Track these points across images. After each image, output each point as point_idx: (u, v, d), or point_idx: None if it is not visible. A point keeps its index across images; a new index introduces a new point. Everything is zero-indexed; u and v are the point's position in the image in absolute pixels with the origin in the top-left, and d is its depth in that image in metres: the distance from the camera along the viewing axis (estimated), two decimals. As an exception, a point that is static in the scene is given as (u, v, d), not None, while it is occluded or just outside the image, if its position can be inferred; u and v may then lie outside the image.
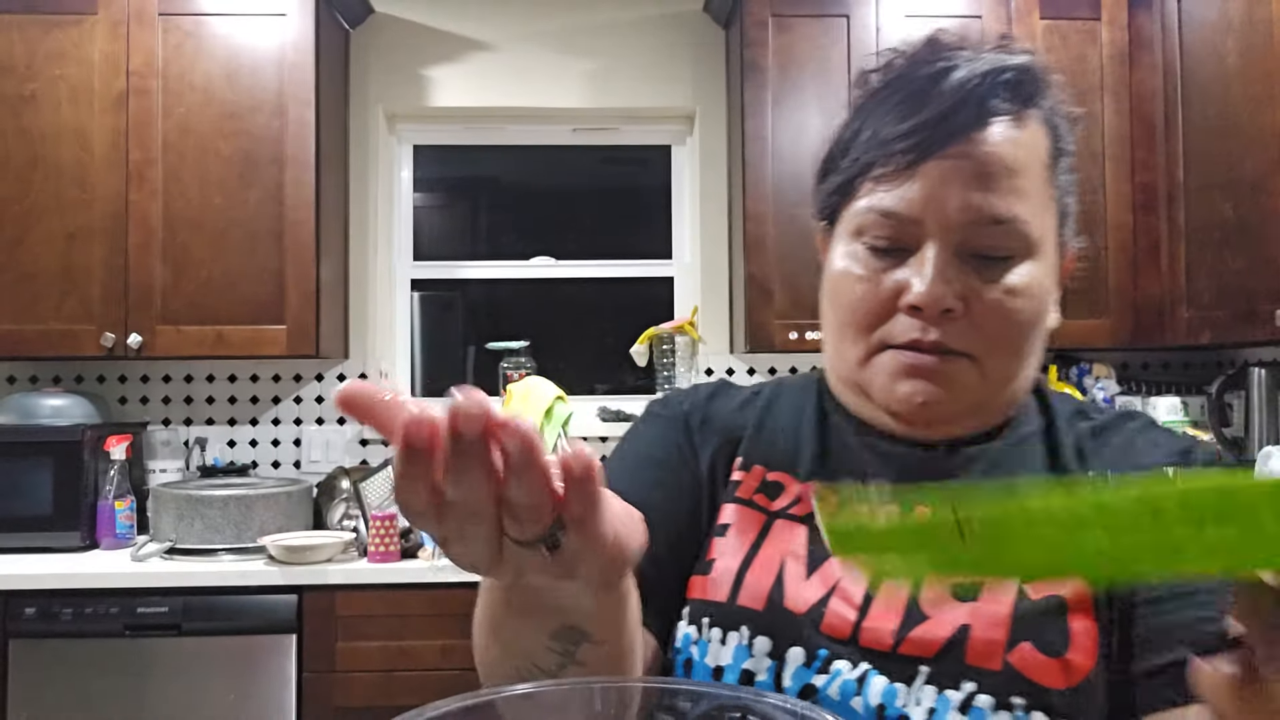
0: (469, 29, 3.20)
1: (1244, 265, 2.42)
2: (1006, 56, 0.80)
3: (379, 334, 3.16)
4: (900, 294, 0.78)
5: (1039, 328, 0.80)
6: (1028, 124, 0.79)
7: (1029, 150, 0.79)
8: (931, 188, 0.77)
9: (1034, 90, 0.81)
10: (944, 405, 0.79)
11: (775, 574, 0.80)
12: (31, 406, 2.72)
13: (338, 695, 2.38)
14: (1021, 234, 0.77)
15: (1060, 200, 0.82)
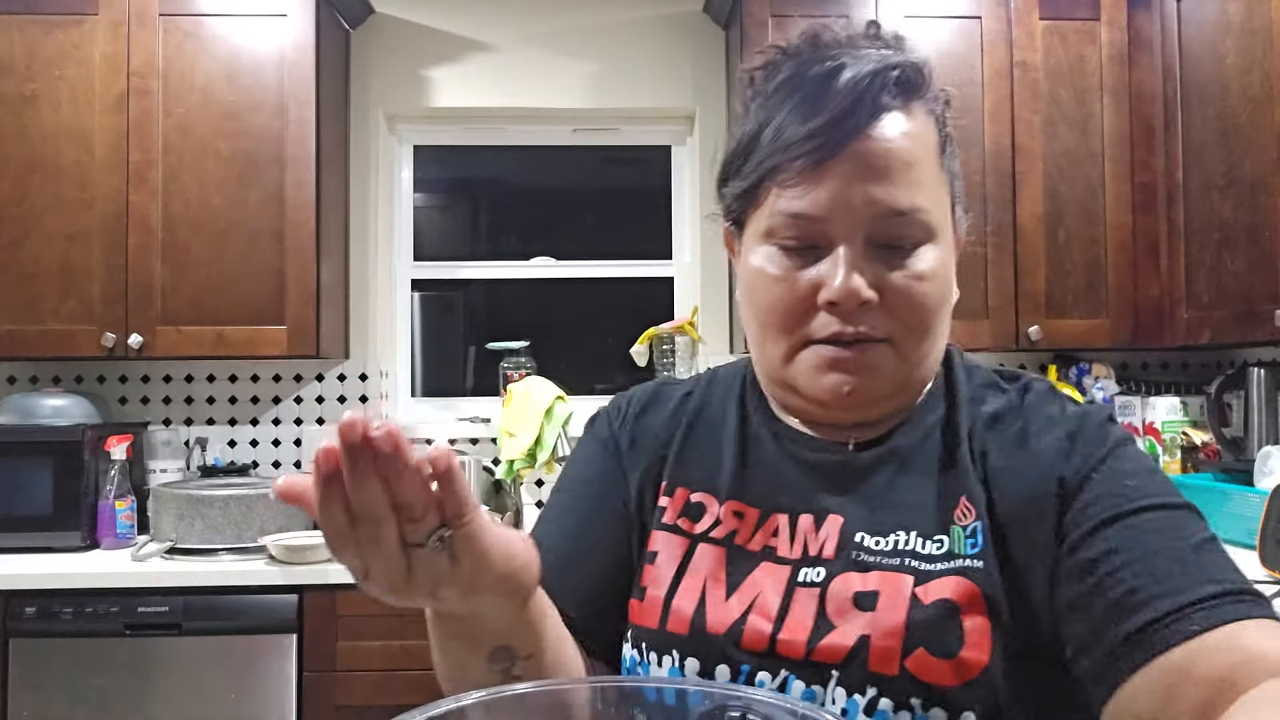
0: (469, 30, 3.20)
1: (1243, 265, 2.42)
2: (889, 53, 0.84)
3: (379, 334, 3.16)
4: (817, 291, 0.81)
5: (946, 307, 0.85)
6: (916, 116, 0.83)
7: (920, 141, 0.82)
8: (836, 187, 0.80)
9: (918, 84, 0.83)
10: (868, 391, 0.83)
11: (698, 599, 0.84)
12: (32, 407, 2.73)
13: (338, 695, 2.39)
14: (923, 222, 0.81)
15: (951, 185, 0.86)
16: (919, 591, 0.78)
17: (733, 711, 0.56)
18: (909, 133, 0.81)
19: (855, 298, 0.80)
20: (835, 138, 0.79)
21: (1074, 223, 2.84)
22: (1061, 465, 0.80)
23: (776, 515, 0.86)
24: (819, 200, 0.80)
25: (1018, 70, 2.83)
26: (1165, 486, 0.79)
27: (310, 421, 3.11)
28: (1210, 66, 2.54)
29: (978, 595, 0.77)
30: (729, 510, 0.87)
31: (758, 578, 0.83)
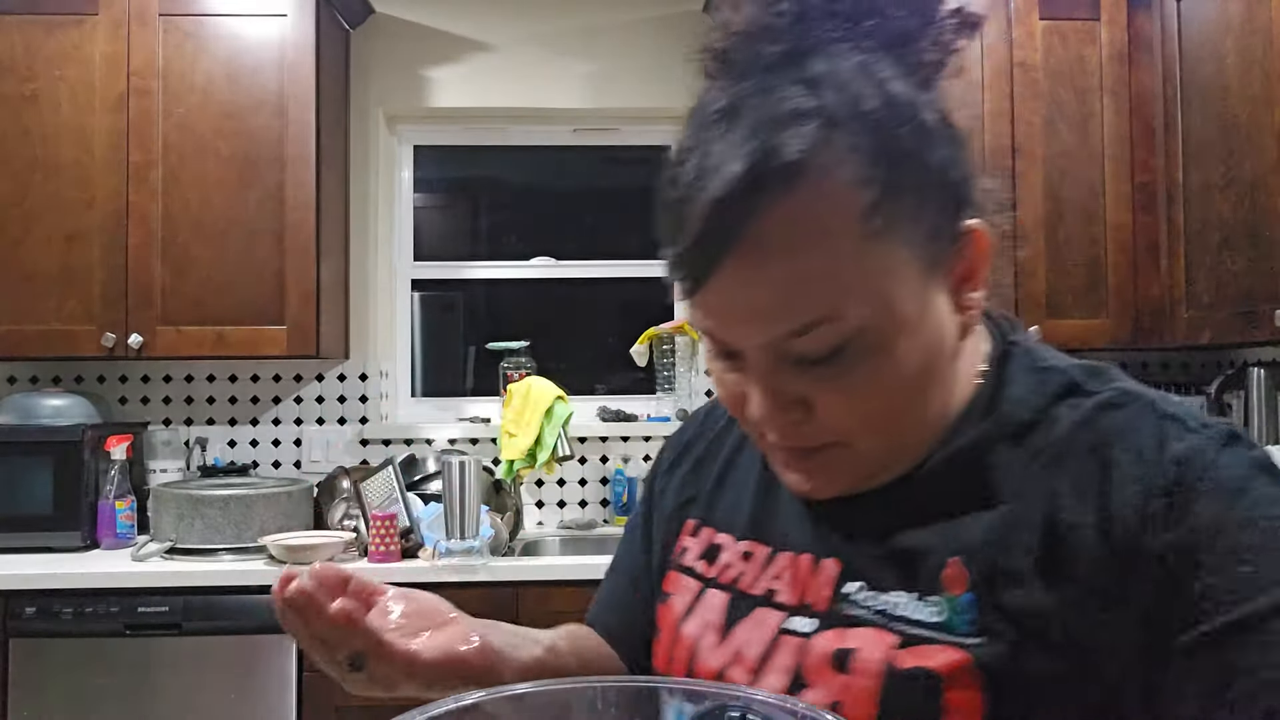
0: (469, 30, 3.20)
1: (1244, 265, 2.42)
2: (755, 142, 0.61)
3: (379, 334, 3.16)
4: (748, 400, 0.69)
5: (924, 382, 0.68)
6: (795, 204, 0.61)
7: (814, 229, 0.62)
8: (719, 311, 0.66)
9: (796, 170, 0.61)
10: (831, 488, 0.72)
11: (693, 645, 0.78)
12: (32, 406, 2.73)
13: (338, 695, 2.38)
14: (836, 333, 0.64)
15: (906, 232, 0.64)
16: (901, 655, 0.66)
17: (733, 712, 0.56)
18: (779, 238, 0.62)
19: (772, 424, 0.68)
20: (701, 264, 0.64)
21: (1074, 223, 2.84)
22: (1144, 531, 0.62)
23: (782, 554, 0.76)
24: (708, 321, 0.67)
25: (1018, 70, 2.83)
26: None
27: (310, 422, 3.11)
28: (1210, 66, 2.54)
29: (972, 671, 0.64)
30: (740, 551, 0.80)
31: (748, 625, 0.75)
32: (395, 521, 2.45)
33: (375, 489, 2.58)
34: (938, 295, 0.67)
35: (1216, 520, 0.61)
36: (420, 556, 2.47)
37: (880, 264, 0.63)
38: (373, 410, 3.13)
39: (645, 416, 3.21)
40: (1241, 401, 2.65)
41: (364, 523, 2.56)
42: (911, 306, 0.65)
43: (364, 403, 3.12)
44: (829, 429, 0.67)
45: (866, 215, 0.62)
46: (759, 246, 0.61)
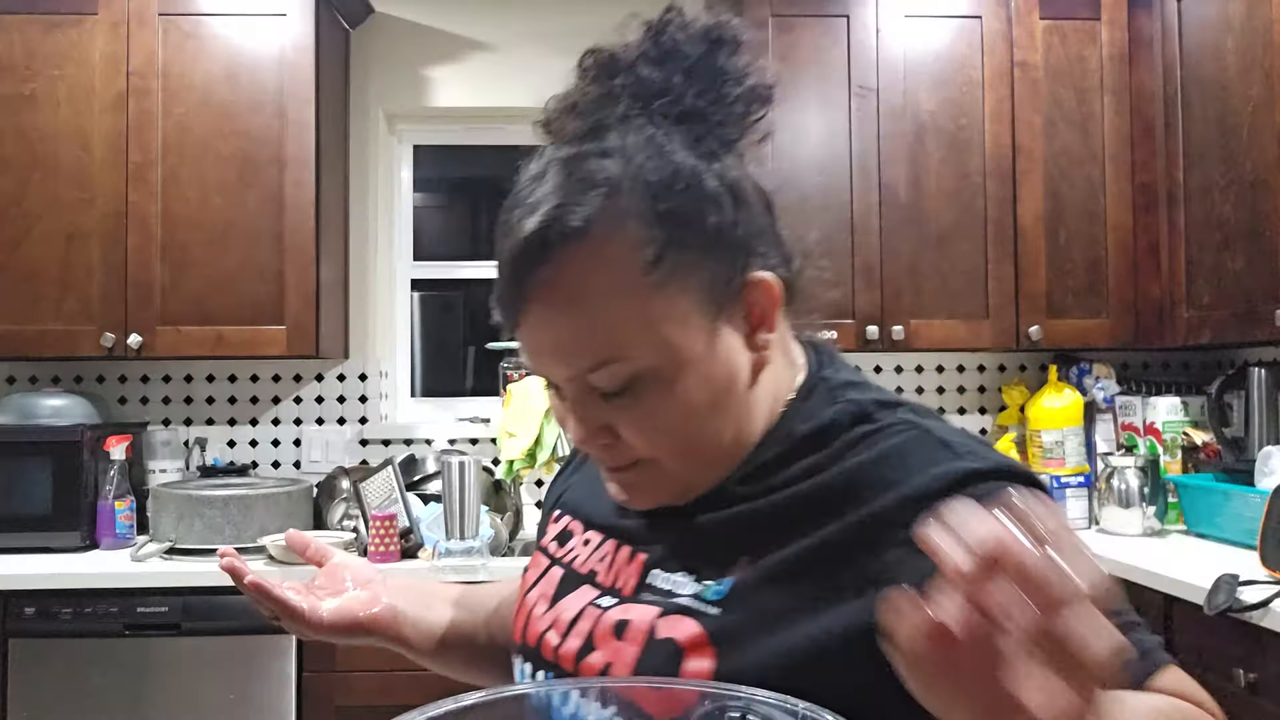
0: (469, 29, 3.20)
1: (1244, 265, 2.42)
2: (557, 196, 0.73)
3: (379, 334, 3.16)
4: None
5: (715, 411, 0.77)
6: (584, 260, 0.72)
7: (600, 282, 0.72)
8: (529, 349, 0.76)
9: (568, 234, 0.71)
10: (646, 501, 0.81)
11: (530, 609, 0.89)
12: (31, 406, 2.72)
13: (338, 695, 2.39)
14: (627, 370, 0.73)
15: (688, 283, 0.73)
16: (659, 624, 0.76)
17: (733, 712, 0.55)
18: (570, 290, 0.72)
19: (585, 446, 0.78)
20: (509, 304, 0.75)
21: (1074, 223, 2.84)
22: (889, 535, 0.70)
23: (609, 543, 0.86)
24: (527, 361, 0.78)
25: (1018, 70, 2.83)
26: None
27: (310, 422, 3.11)
28: (1211, 66, 2.54)
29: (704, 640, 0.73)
30: (584, 538, 0.90)
31: (571, 598, 0.85)
32: (395, 522, 2.45)
33: (375, 489, 2.58)
34: (728, 337, 0.76)
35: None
36: (420, 557, 2.47)
37: (663, 311, 0.73)
38: (372, 410, 3.13)
39: (645, 416, 3.21)
40: (1242, 401, 2.65)
41: (364, 523, 2.56)
42: (696, 348, 0.74)
43: (364, 403, 3.12)
44: (633, 451, 0.76)
45: (647, 270, 0.72)
46: (553, 295, 0.72)
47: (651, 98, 0.76)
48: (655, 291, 0.72)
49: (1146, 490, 2.68)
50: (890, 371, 3.19)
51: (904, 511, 0.68)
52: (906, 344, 2.79)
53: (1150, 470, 2.70)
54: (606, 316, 0.72)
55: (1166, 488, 2.75)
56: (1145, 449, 2.83)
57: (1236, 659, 1.90)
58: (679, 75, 0.76)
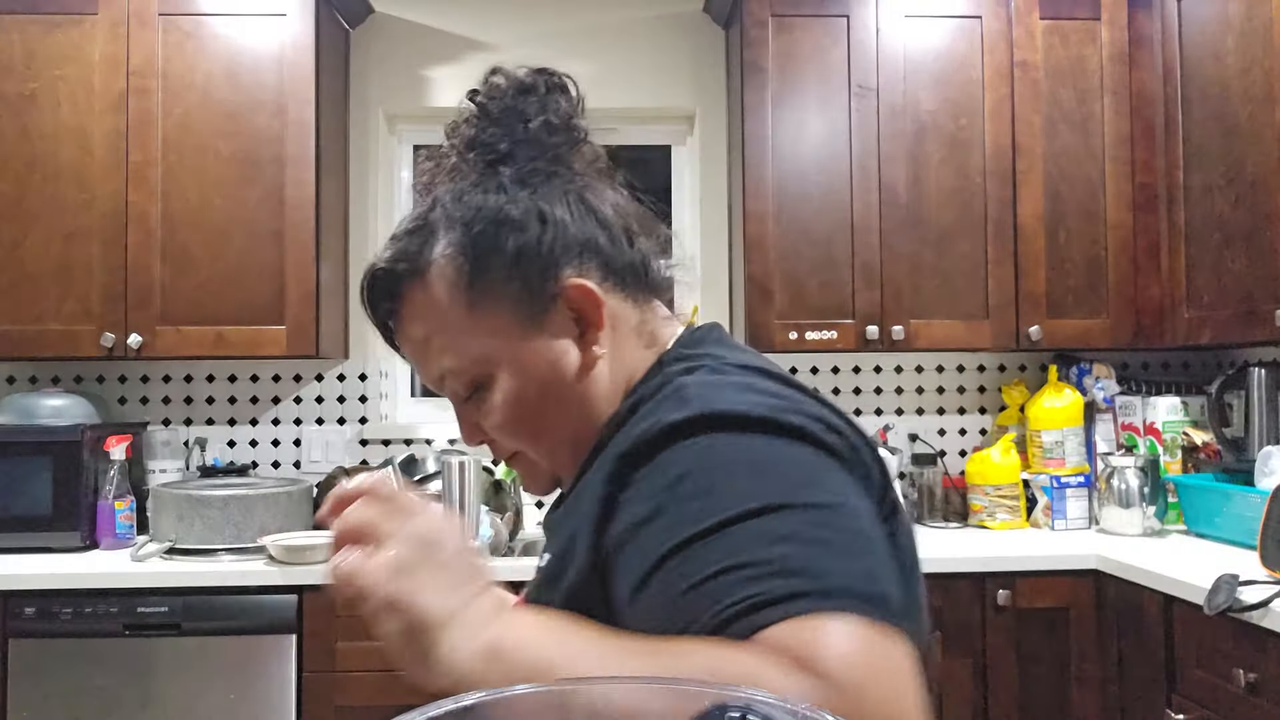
0: (469, 29, 3.20)
1: (1244, 265, 2.42)
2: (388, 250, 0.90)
3: (379, 334, 3.16)
4: None
5: (547, 406, 0.88)
6: (414, 292, 0.88)
7: (430, 309, 0.88)
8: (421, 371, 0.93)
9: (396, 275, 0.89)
10: (536, 487, 0.95)
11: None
12: (31, 406, 2.72)
13: (338, 694, 2.39)
14: (465, 379, 0.88)
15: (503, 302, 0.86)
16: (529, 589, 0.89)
17: (733, 711, 0.55)
18: (411, 317, 0.89)
19: (469, 443, 0.93)
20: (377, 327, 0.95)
21: (1074, 223, 2.84)
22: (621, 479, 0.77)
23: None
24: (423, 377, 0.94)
25: (1018, 70, 2.83)
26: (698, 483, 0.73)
27: (310, 422, 3.11)
28: (1211, 66, 2.54)
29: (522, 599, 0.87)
30: None
31: None
32: (395, 521, 2.45)
33: (375, 489, 2.58)
34: (550, 338, 0.87)
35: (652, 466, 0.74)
36: (420, 556, 2.47)
37: (479, 327, 0.86)
38: (372, 410, 3.13)
39: (645, 416, 3.21)
40: (1242, 401, 2.65)
41: (364, 523, 2.56)
42: (511, 353, 0.87)
43: (364, 403, 3.12)
44: (501, 445, 0.91)
45: (462, 295, 0.86)
46: (400, 325, 0.90)
47: (469, 150, 0.90)
48: (470, 311, 0.86)
49: (1146, 490, 2.68)
50: (890, 371, 3.19)
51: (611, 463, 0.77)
52: (906, 344, 2.79)
53: (1150, 470, 2.70)
54: (440, 338, 0.87)
55: (1166, 488, 2.75)
56: (1145, 449, 2.83)
57: (1236, 659, 1.90)
58: (490, 126, 0.90)
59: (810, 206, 2.78)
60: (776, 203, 2.79)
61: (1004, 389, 3.08)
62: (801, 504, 0.68)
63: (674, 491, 0.71)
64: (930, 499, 2.98)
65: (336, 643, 2.38)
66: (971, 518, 2.91)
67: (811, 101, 2.82)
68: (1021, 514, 2.85)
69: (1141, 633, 2.24)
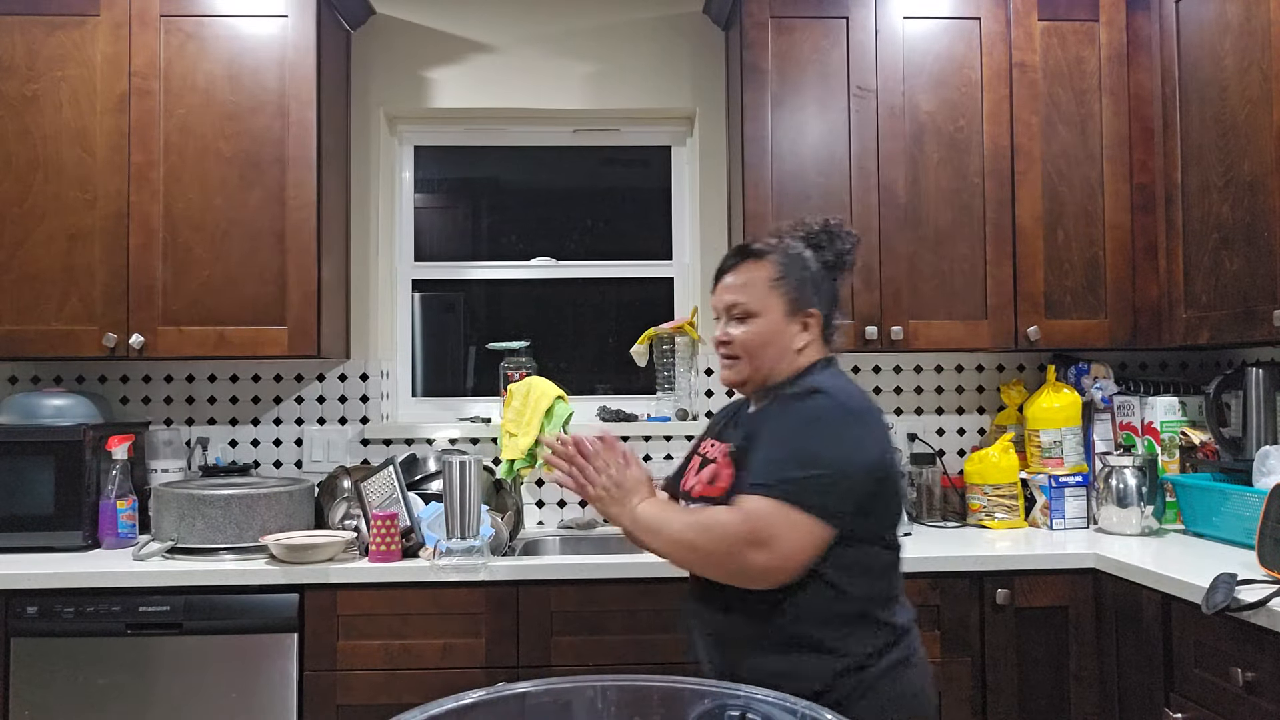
0: (470, 31, 3.20)
1: (1242, 266, 2.42)
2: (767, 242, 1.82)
3: (380, 334, 3.17)
4: None
5: (769, 347, 1.76)
6: (756, 265, 1.79)
7: (751, 275, 1.79)
8: (716, 295, 1.83)
9: (759, 254, 1.80)
10: (729, 379, 1.81)
11: (686, 475, 1.87)
12: (33, 406, 2.73)
13: (339, 694, 2.39)
14: (745, 309, 1.77)
15: (787, 295, 1.77)
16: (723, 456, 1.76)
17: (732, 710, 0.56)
18: (745, 271, 1.80)
19: (720, 340, 1.81)
20: (718, 276, 1.85)
21: (1073, 223, 2.84)
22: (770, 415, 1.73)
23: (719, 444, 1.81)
24: (714, 300, 1.84)
25: (1016, 71, 2.84)
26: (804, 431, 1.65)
27: (311, 421, 3.12)
28: (1209, 67, 2.55)
29: (728, 460, 1.72)
30: (710, 443, 1.86)
31: (697, 466, 1.84)
32: (396, 521, 2.46)
33: (376, 488, 2.59)
34: (790, 325, 1.78)
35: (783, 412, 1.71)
36: (421, 556, 2.48)
37: (772, 301, 1.78)
38: (373, 410, 3.14)
39: (645, 416, 3.22)
40: (1240, 401, 2.66)
41: (365, 522, 2.57)
42: (775, 321, 1.77)
43: (365, 402, 3.13)
44: (737, 348, 1.78)
45: (772, 282, 1.79)
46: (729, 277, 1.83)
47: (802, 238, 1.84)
48: (771, 290, 1.77)
49: (1144, 490, 2.69)
50: (889, 371, 3.20)
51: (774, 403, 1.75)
52: (905, 344, 2.80)
53: (1148, 470, 2.71)
54: (756, 284, 1.78)
55: (1164, 487, 2.76)
56: (1143, 449, 2.84)
57: (1234, 658, 1.91)
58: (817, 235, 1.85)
59: (809, 207, 2.79)
60: (776, 203, 2.79)
61: (1002, 389, 3.08)
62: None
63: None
64: (929, 498, 2.99)
65: (338, 642, 2.39)
66: (970, 517, 2.92)
67: (811, 102, 2.82)
68: (1020, 513, 2.86)
69: (1140, 632, 2.25)
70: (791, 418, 1.65)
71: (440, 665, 2.40)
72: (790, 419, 1.65)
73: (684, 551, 1.64)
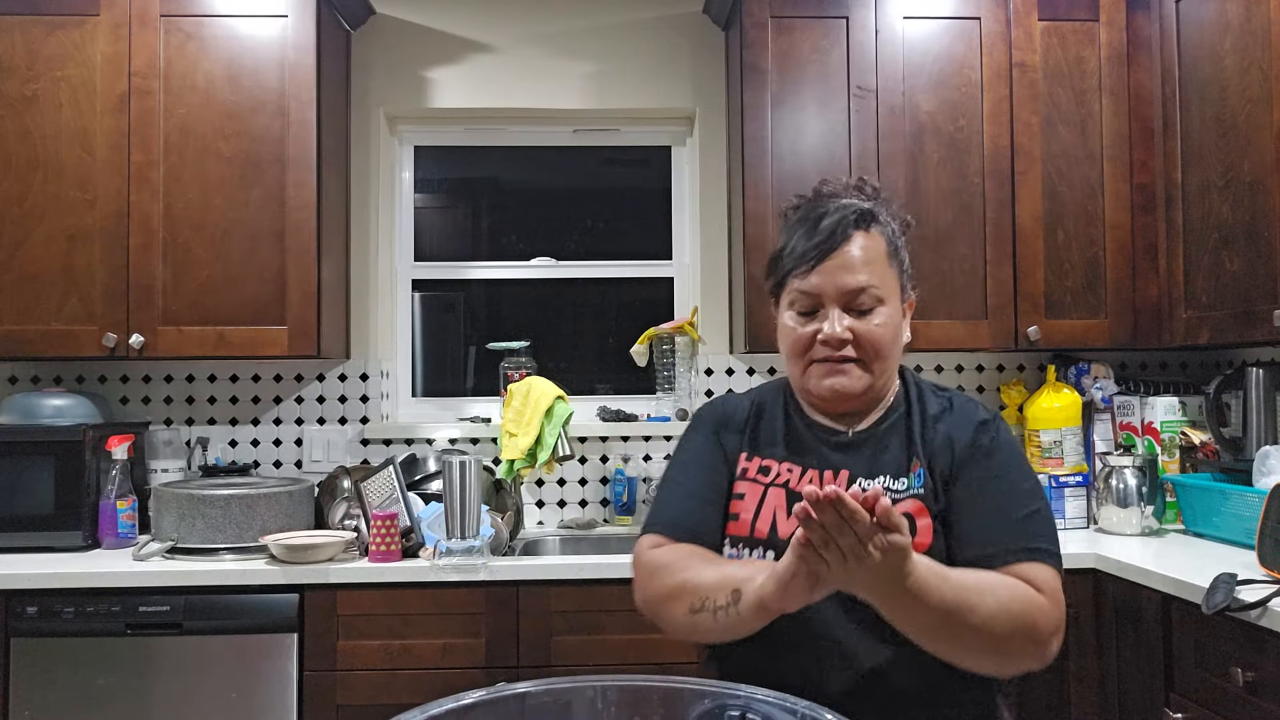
0: (470, 31, 3.20)
1: (1242, 266, 2.42)
2: (860, 200, 1.47)
3: (380, 334, 3.17)
4: (816, 335, 1.42)
5: (896, 344, 1.45)
6: (870, 235, 1.43)
7: (872, 249, 1.42)
8: (825, 277, 1.41)
9: (871, 219, 1.44)
10: (850, 389, 1.42)
11: (771, 519, 1.42)
12: (33, 406, 2.73)
13: (339, 694, 2.39)
14: (875, 295, 1.41)
15: (900, 274, 1.45)
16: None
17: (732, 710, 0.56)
18: (865, 245, 1.42)
19: (838, 339, 1.41)
20: (824, 250, 1.41)
21: (1073, 223, 2.84)
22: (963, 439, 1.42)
23: (810, 470, 1.44)
24: (817, 284, 1.41)
25: (1016, 71, 2.84)
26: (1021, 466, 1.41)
27: (311, 422, 3.11)
28: (1209, 67, 2.55)
29: (924, 509, 1.37)
30: (785, 467, 1.46)
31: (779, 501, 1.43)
32: (396, 521, 2.46)
33: (376, 488, 2.59)
34: (902, 315, 1.48)
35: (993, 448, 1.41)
36: (421, 556, 2.48)
37: (891, 276, 1.45)
38: (373, 410, 3.13)
39: (645, 416, 3.22)
40: (1240, 402, 2.66)
41: (365, 522, 2.57)
42: (898, 304, 1.46)
43: (365, 402, 3.13)
44: (859, 351, 1.41)
45: (890, 251, 1.45)
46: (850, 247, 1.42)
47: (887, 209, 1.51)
48: (889, 268, 1.44)
49: (1145, 490, 2.68)
50: (889, 371, 3.20)
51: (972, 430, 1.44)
52: (905, 344, 2.80)
53: (1148, 470, 2.71)
54: (880, 262, 1.43)
55: (1165, 487, 2.76)
56: (1143, 449, 2.83)
57: (1234, 658, 1.91)
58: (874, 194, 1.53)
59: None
60: (776, 203, 2.79)
61: (1002, 389, 3.08)
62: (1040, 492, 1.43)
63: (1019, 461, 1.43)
64: (929, 498, 2.99)
65: (338, 642, 2.39)
66: (970, 517, 2.92)
67: (810, 102, 2.82)
68: (1020, 513, 2.86)
69: (1140, 632, 2.25)
70: (1005, 451, 1.39)
71: (440, 665, 2.40)
72: (1005, 453, 1.39)
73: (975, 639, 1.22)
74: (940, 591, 1.17)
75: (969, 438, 1.40)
